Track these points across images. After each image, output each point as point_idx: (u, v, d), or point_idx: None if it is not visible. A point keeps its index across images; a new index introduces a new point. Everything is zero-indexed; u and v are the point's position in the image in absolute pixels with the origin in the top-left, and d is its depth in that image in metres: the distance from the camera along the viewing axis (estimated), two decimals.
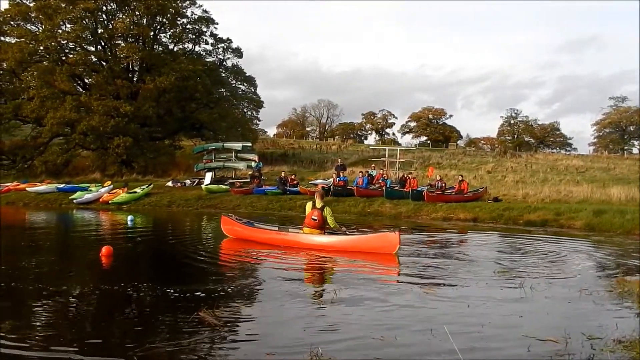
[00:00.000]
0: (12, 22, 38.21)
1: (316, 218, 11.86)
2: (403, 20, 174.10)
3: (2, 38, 38.95)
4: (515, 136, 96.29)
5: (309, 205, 12.34)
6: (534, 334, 5.87)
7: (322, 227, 11.89)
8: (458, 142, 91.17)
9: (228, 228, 13.50)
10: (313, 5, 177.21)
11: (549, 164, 45.00)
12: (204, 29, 43.85)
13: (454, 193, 22.56)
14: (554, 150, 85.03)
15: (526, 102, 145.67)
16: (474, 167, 42.42)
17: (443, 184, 23.14)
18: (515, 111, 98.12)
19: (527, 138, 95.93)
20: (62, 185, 29.06)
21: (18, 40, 37.70)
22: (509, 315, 6.75)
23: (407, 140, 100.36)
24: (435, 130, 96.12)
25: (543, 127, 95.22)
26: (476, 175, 34.43)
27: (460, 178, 24.00)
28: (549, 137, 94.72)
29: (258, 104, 48.83)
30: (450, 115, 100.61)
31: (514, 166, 42.50)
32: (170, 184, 29.56)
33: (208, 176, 28.83)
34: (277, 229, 12.91)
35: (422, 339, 5.77)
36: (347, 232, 12.09)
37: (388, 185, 23.34)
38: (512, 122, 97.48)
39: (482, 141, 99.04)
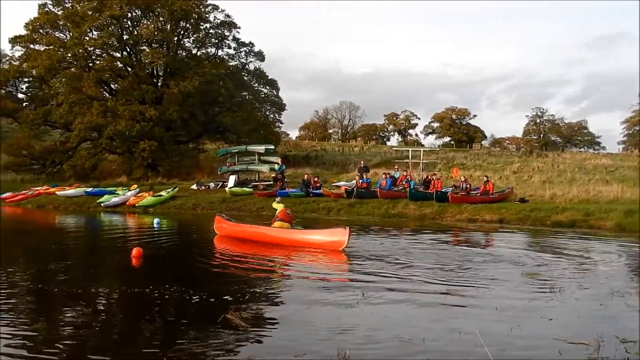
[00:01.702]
0: (41, 30, 39.11)
1: (290, 212, 13.83)
2: (425, 19, 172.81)
3: (32, 46, 39.86)
4: (542, 135, 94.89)
5: (276, 204, 14.34)
6: (565, 337, 5.77)
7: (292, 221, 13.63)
8: (482, 142, 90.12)
9: (218, 226, 14.88)
10: (333, 6, 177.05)
11: (576, 164, 44.17)
12: (227, 33, 44.22)
13: (479, 194, 22.30)
14: (582, 150, 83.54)
15: (552, 100, 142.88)
16: (499, 167, 41.90)
17: (468, 185, 22.89)
18: (541, 110, 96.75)
19: (553, 137, 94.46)
20: (90, 189, 29.59)
21: (47, 47, 38.61)
22: (539, 318, 6.64)
23: (430, 141, 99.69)
24: (459, 130, 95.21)
25: (570, 126, 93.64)
26: (501, 176, 33.99)
27: (485, 179, 23.70)
28: (576, 136, 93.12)
29: (280, 106, 49.02)
30: (474, 115, 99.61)
31: (540, 166, 41.84)
32: (194, 186, 29.84)
33: (232, 179, 29.00)
34: (259, 226, 14.34)
35: (450, 341, 5.71)
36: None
37: (412, 187, 23.16)
38: (538, 121, 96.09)
39: (507, 141, 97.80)
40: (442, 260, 10.98)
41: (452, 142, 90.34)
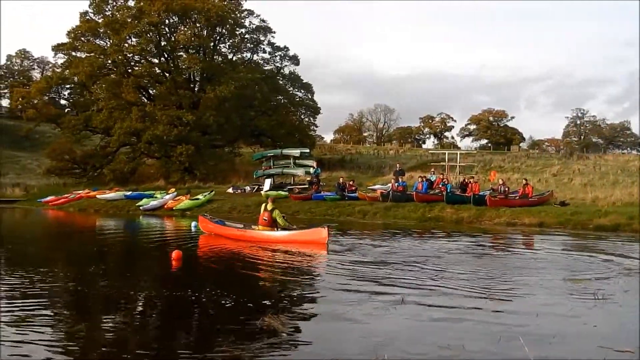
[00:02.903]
0: (82, 38, 40.27)
1: (266, 219, 14.50)
2: (460, 21, 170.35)
3: (74, 53, 41.07)
4: (582, 137, 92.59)
5: (262, 206, 14.96)
6: (610, 344, 5.58)
7: (271, 225, 14.41)
8: (521, 145, 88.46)
9: (204, 225, 16.09)
10: (367, 8, 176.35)
11: (619, 166, 42.83)
12: (262, 38, 44.76)
13: (518, 197, 21.85)
14: (625, 151, 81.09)
15: (594, 100, 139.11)
16: (538, 170, 40.97)
17: (506, 188, 22.45)
18: (582, 111, 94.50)
19: (595, 139, 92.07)
20: (129, 193, 30.23)
21: (88, 55, 39.73)
22: (582, 324, 6.45)
23: (466, 143, 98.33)
24: (496, 132, 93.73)
25: (612, 127, 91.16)
26: (541, 179, 33.23)
27: (524, 182, 23.20)
28: (618, 137, 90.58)
29: (315, 110, 49.20)
30: (512, 117, 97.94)
31: (581, 168, 40.74)
32: (230, 190, 30.14)
33: (267, 182, 29.21)
34: (242, 226, 15.40)
35: (491, 347, 5.58)
36: (295, 228, 14.47)
37: (449, 190, 22.86)
38: (579, 122, 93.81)
39: (546, 143, 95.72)
40: (481, 264, 10.79)
41: (490, 145, 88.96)
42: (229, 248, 13.47)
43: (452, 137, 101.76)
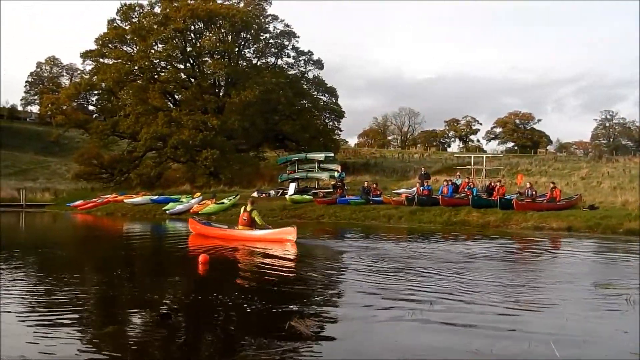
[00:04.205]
0: (110, 45, 41.01)
1: (246, 218, 16.07)
2: (489, 22, 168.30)
3: (102, 60, 41.86)
4: (611, 139, 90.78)
5: (242, 208, 16.69)
6: None
7: (250, 225, 15.98)
8: (548, 148, 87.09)
9: (193, 227, 17.75)
10: (393, 10, 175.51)
11: None
12: (286, 43, 45.00)
13: (545, 201, 21.50)
14: None
15: (625, 102, 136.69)
16: (566, 173, 40.29)
17: (533, 192, 22.09)
18: (611, 113, 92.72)
19: (624, 141, 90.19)
20: (155, 197, 30.63)
21: (115, 61, 40.44)
22: (613, 330, 6.32)
23: (492, 146, 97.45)
24: (523, 135, 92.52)
25: None
26: (569, 182, 32.65)
27: (552, 185, 22.80)
28: None
29: (339, 114, 49.20)
30: (539, 120, 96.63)
31: (610, 171, 39.91)
32: (255, 194, 30.24)
33: (292, 186, 29.26)
34: (226, 227, 17.12)
35: (520, 352, 5.48)
36: (270, 227, 15.93)
37: (475, 194, 22.62)
38: (607, 124, 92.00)
39: (574, 145, 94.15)
40: (509, 268, 10.66)
41: (516, 148, 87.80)
42: (255, 254, 13.54)
43: (478, 141, 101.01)
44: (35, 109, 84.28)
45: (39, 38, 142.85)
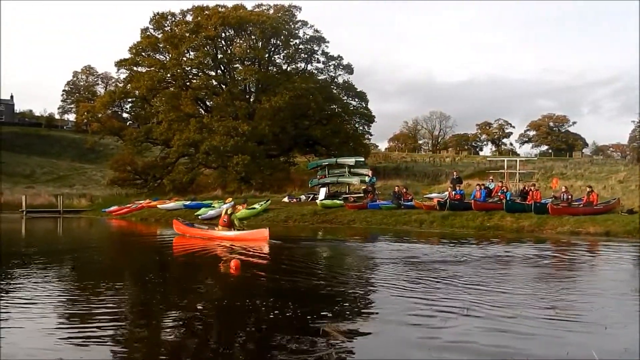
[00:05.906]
0: (143, 53, 41.80)
1: (225, 220, 17.91)
2: (522, 24, 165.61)
3: (135, 68, 42.68)
4: None
5: (223, 211, 19.10)
6: None
7: (229, 226, 17.78)
8: (583, 151, 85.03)
9: (177, 227, 19.72)
10: (424, 13, 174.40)
11: None
12: (316, 48, 45.07)
13: (582, 205, 20.96)
14: None
15: None
16: (603, 176, 39.22)
17: (569, 196, 21.56)
18: None
19: None
20: (188, 202, 31.01)
21: (148, 69, 41.18)
22: None
23: (525, 150, 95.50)
24: (557, 138, 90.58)
25: None
26: (606, 186, 31.78)
27: (588, 189, 22.22)
28: None
29: (369, 118, 48.99)
30: (574, 122, 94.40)
31: None
32: (286, 199, 30.36)
33: (322, 191, 29.23)
34: (206, 227, 19.14)
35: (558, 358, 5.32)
36: (246, 229, 17.91)
37: (508, 198, 22.18)
38: None
39: (611, 148, 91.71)
40: (546, 273, 10.40)
41: (550, 151, 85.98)
42: (285, 258, 13.52)
43: (511, 144, 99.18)
44: (72, 117, 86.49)
45: (75, 48, 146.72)
